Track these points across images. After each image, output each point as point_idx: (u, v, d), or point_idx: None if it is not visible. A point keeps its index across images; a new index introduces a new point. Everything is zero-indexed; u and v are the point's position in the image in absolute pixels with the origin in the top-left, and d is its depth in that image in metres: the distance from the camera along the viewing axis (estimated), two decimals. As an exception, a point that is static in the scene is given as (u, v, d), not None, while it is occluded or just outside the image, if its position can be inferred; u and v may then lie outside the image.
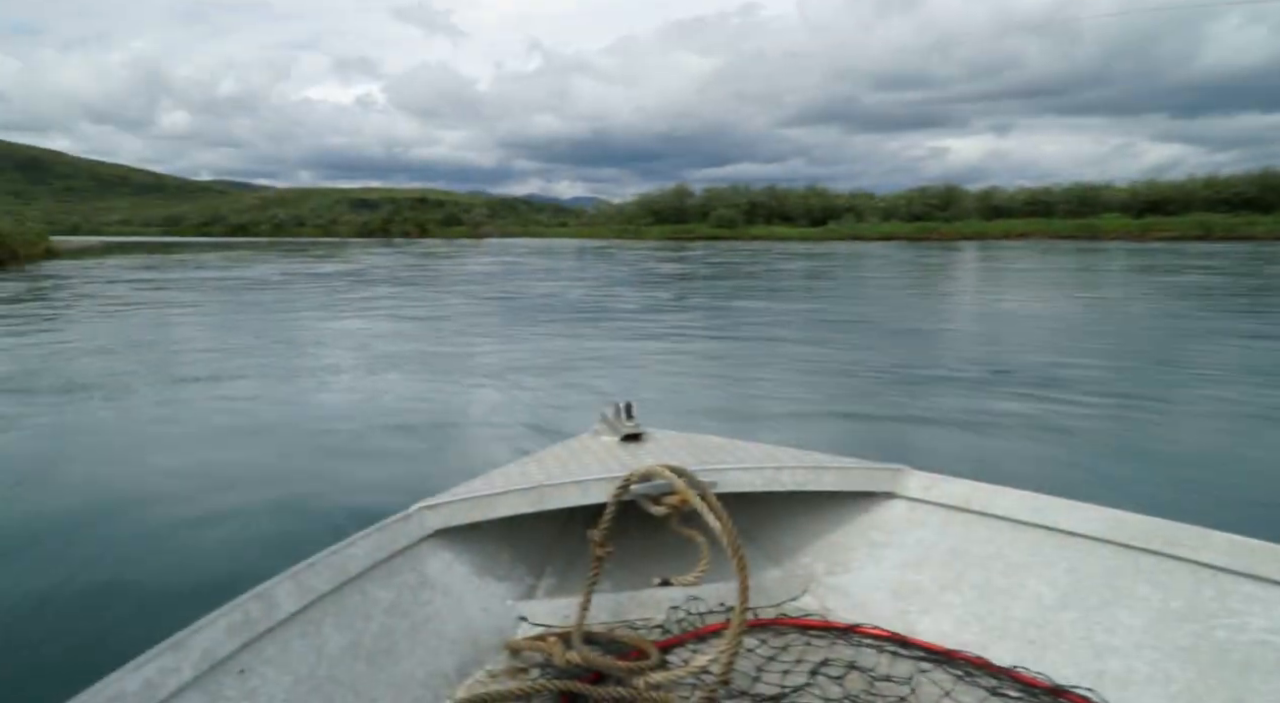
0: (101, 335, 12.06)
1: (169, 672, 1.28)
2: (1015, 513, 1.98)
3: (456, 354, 10.14)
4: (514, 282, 26.17)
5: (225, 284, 24.99)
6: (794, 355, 9.96)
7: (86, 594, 3.37)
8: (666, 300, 18.71)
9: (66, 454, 5.50)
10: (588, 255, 52.65)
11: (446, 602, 1.93)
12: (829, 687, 1.71)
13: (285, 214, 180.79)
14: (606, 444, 2.51)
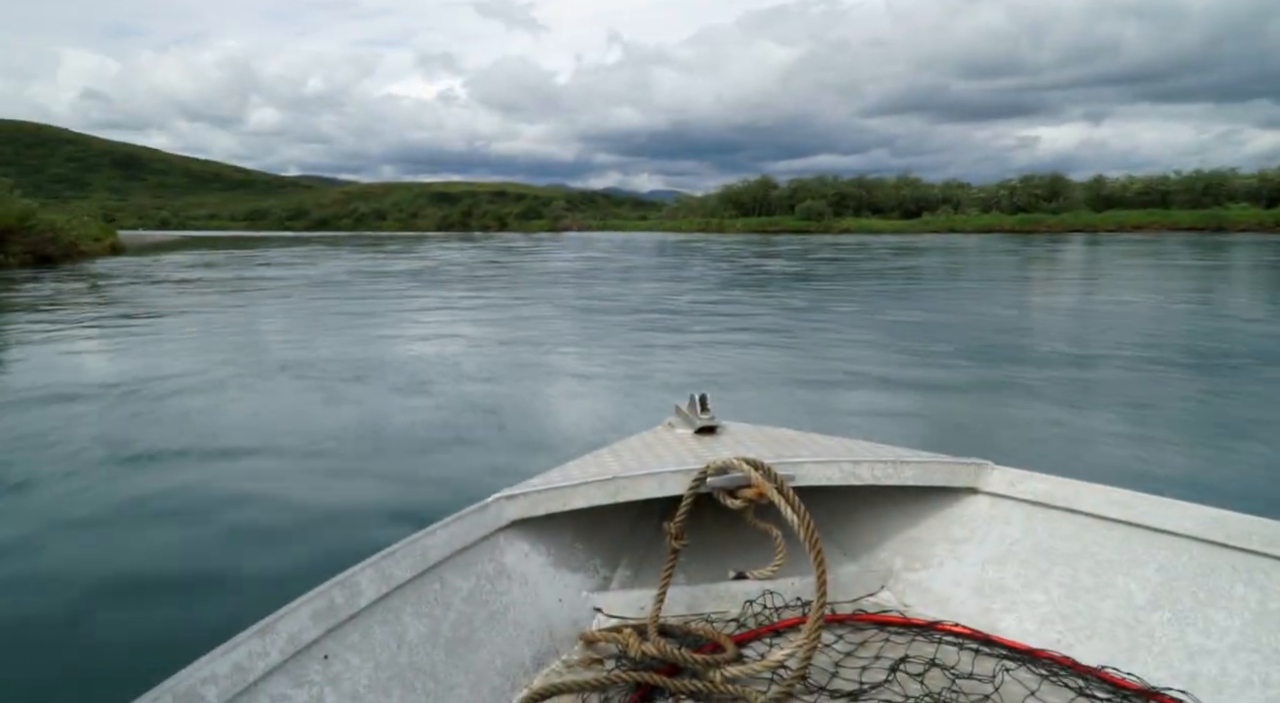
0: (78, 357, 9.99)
1: (257, 656, 1.31)
2: (1103, 510, 1.91)
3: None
4: (609, 283, 22.73)
5: (283, 284, 22.06)
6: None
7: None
8: (802, 309, 15.76)
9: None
10: (677, 250, 49.10)
11: (523, 592, 1.94)
12: (909, 684, 1.69)
13: (366, 208, 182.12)
14: (681, 437, 2.47)
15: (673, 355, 9.92)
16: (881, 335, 11.38)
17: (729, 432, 2.51)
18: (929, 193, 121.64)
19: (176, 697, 1.17)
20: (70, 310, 15.26)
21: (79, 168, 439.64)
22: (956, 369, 8.75)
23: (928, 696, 1.63)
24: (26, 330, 12.37)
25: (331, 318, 14.04)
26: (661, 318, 13.95)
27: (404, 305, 16.23)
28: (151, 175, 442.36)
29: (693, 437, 2.46)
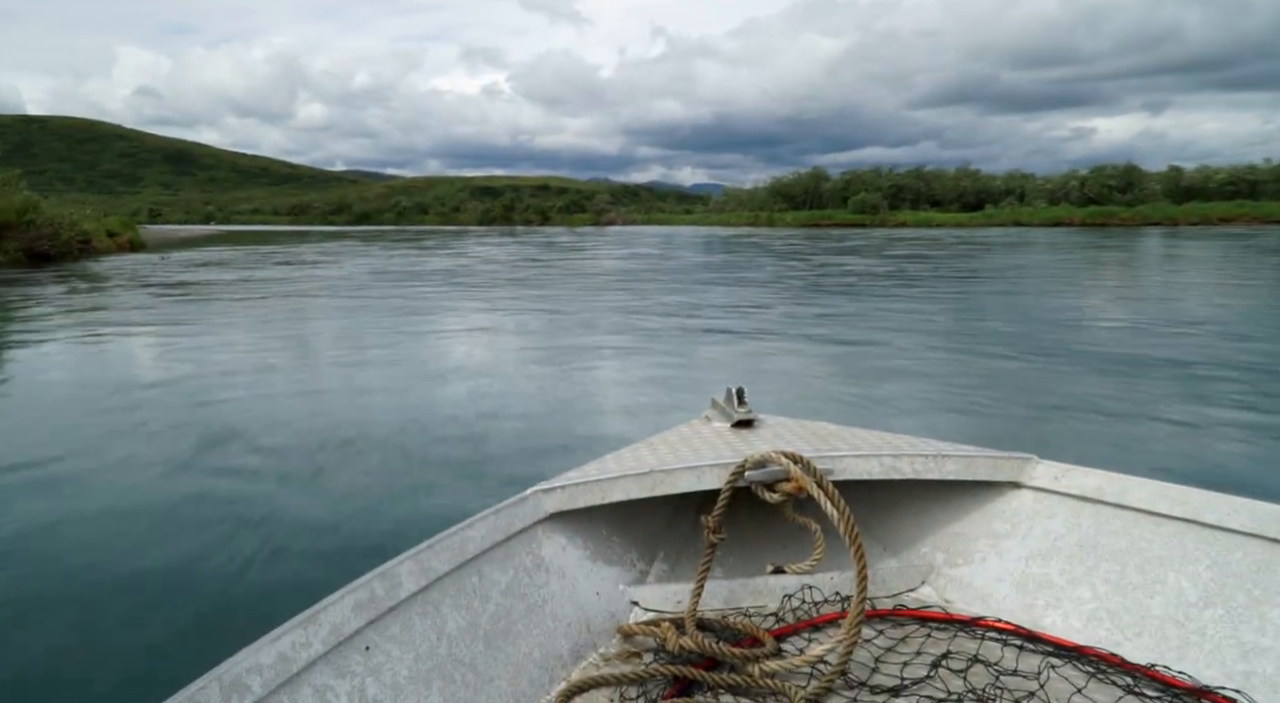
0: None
1: (300, 646, 1.33)
2: (1153, 505, 1.88)
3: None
4: (674, 287, 18.95)
5: (290, 289, 18.75)
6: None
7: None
8: (943, 324, 11.82)
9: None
10: (733, 246, 45.26)
11: (561, 585, 1.94)
12: (951, 680, 1.67)
13: (409, 202, 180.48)
14: (718, 430, 2.45)
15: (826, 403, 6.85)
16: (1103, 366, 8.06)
17: (766, 425, 2.47)
18: (990, 185, 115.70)
19: (223, 686, 1.19)
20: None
21: (131, 163, 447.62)
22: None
23: (971, 692, 1.61)
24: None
25: (317, 353, 10.49)
26: (767, 341, 10.34)
27: (421, 326, 12.55)
28: (201, 171, 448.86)
29: (730, 430, 2.42)
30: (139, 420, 6.48)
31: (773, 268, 25.71)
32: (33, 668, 2.97)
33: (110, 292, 18.22)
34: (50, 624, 3.29)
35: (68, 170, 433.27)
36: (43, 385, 8.17)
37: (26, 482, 5.05)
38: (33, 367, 9.29)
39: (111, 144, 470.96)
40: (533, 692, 1.68)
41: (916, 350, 9.62)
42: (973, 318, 12.85)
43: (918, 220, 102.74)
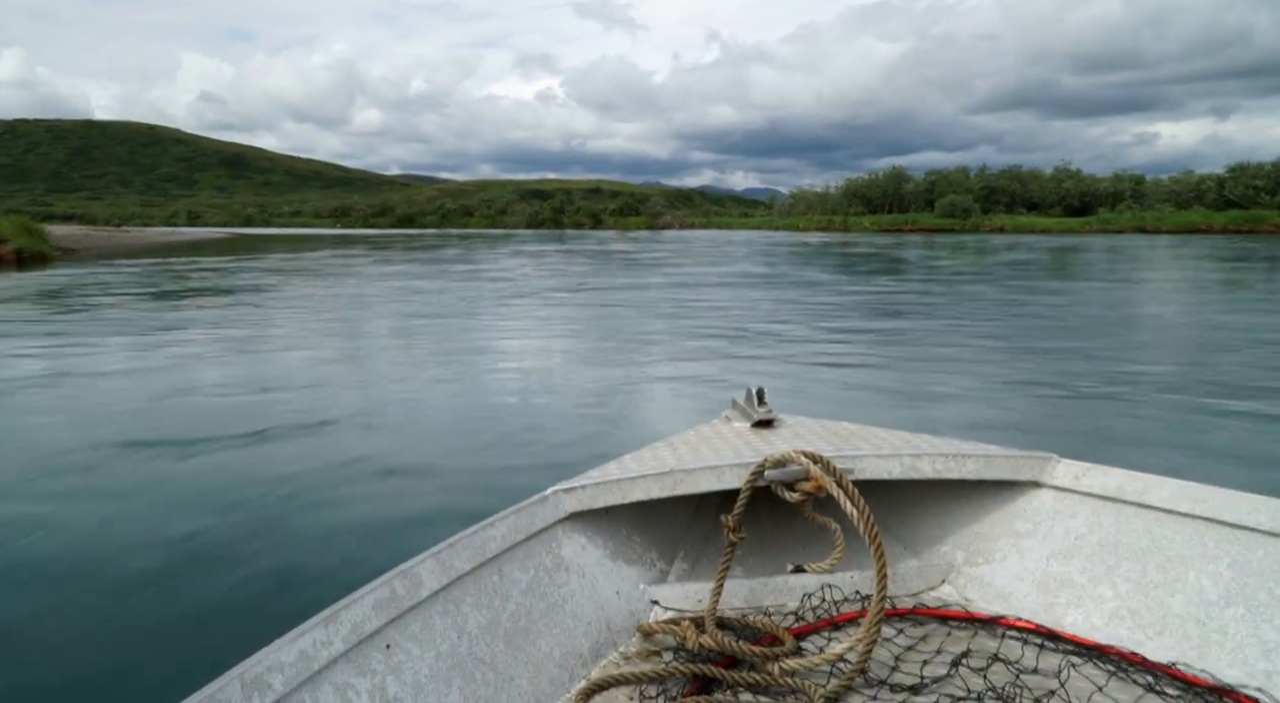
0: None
1: (321, 644, 1.32)
2: (1174, 504, 1.88)
3: None
4: (812, 322, 8.41)
5: (178, 350, 8.84)
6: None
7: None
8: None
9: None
10: (831, 255, 34.67)
11: (581, 584, 1.94)
12: (971, 679, 1.67)
13: (453, 205, 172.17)
14: (738, 430, 2.45)
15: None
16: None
17: (786, 425, 2.47)
18: (1094, 186, 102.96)
19: (244, 684, 1.19)
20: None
21: (188, 167, 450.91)
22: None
23: (991, 691, 1.61)
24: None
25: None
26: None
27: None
28: (256, 174, 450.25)
29: (750, 430, 2.42)
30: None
31: (917, 286, 15.25)
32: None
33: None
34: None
35: (127, 174, 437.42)
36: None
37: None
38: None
39: (169, 148, 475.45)
40: (553, 690, 1.67)
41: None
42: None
43: (1017, 225, 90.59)
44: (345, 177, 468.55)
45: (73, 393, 7.46)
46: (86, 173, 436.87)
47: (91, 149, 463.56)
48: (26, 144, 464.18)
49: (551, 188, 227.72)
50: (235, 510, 4.33)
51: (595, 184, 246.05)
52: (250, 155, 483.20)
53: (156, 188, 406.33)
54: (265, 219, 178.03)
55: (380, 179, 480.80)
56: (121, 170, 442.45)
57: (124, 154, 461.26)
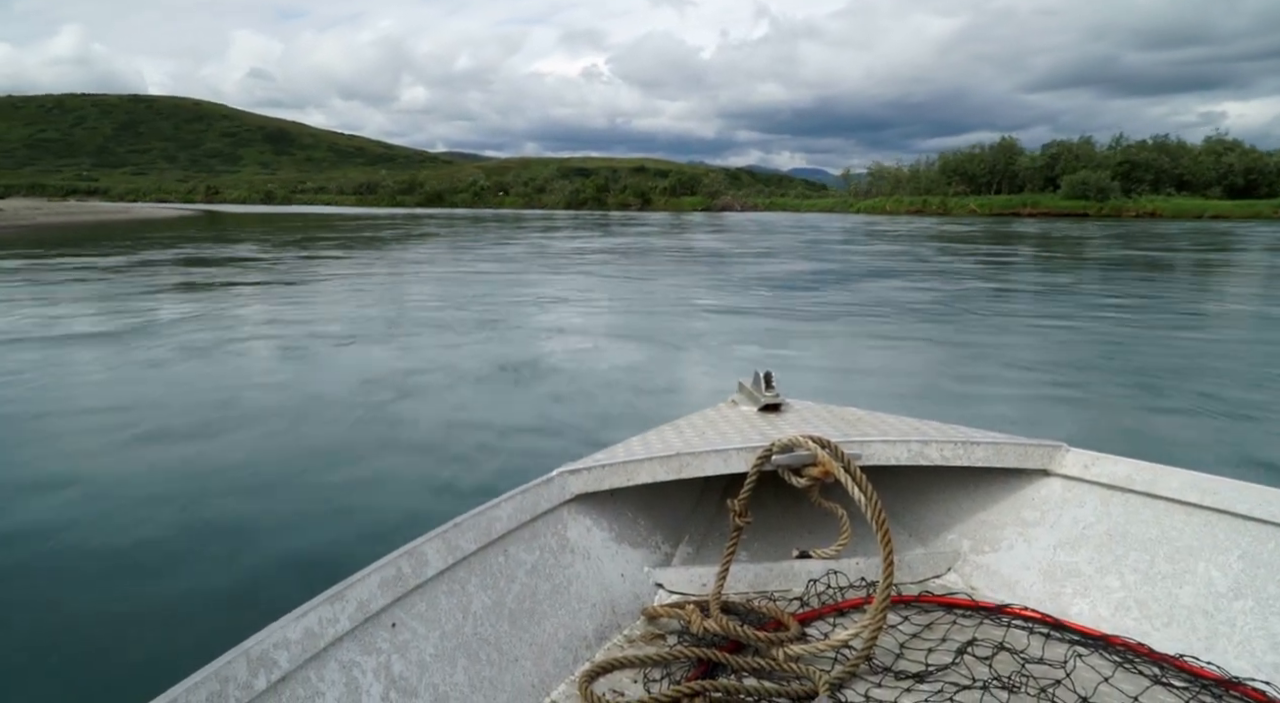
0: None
1: (327, 622, 1.33)
2: (1184, 494, 1.86)
3: None
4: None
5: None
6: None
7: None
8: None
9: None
10: (987, 249, 18.62)
11: (586, 566, 1.94)
12: (976, 667, 1.66)
13: (486, 181, 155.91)
14: (745, 414, 2.43)
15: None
16: None
17: (794, 409, 2.46)
18: (1262, 162, 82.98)
19: (250, 660, 1.19)
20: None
21: (232, 142, 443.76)
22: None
23: (996, 679, 1.60)
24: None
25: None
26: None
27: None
28: (299, 150, 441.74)
29: (757, 414, 2.41)
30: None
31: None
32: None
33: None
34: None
35: (171, 149, 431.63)
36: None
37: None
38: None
39: (215, 123, 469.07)
40: (557, 672, 1.68)
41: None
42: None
43: (1177, 210, 71.51)
44: (388, 153, 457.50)
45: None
46: (133, 147, 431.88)
47: (138, 124, 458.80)
48: (74, 118, 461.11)
49: (595, 166, 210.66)
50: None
51: (640, 162, 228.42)
52: (293, 131, 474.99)
53: (201, 163, 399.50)
54: (286, 196, 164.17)
55: (423, 156, 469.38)
56: (166, 146, 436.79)
57: (169, 129, 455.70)
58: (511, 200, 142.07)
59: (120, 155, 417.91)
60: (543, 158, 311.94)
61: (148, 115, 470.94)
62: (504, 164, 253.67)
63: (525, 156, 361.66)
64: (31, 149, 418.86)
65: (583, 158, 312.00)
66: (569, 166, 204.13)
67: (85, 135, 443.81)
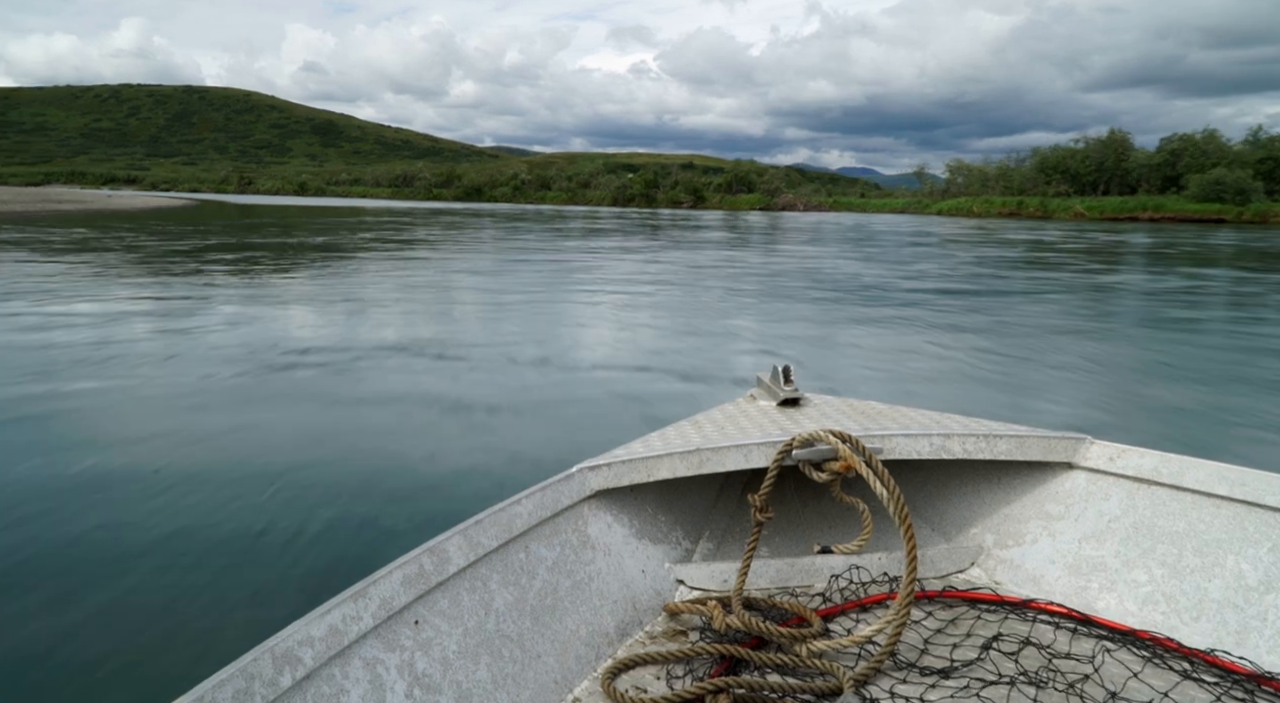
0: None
1: (351, 619, 1.33)
2: (1212, 487, 1.83)
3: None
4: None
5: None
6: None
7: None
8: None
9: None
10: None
11: (607, 562, 1.93)
12: (1002, 663, 1.65)
13: (529, 175, 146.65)
14: (764, 409, 2.41)
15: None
16: None
17: (813, 404, 2.42)
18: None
19: (275, 657, 1.19)
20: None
21: (281, 134, 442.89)
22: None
23: (1023, 675, 1.59)
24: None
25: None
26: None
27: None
28: (347, 142, 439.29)
29: (776, 409, 2.39)
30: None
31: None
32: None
33: None
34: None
35: (221, 140, 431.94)
36: None
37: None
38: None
39: (265, 114, 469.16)
40: (579, 668, 1.67)
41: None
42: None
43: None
44: (435, 147, 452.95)
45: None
46: (184, 138, 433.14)
47: (190, 114, 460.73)
48: (129, 108, 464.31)
49: (642, 162, 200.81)
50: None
51: (688, 159, 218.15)
52: (341, 123, 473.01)
53: (250, 154, 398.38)
54: (320, 188, 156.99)
55: (470, 150, 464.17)
56: (217, 136, 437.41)
57: (220, 120, 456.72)
58: (554, 196, 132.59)
59: (172, 145, 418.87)
60: (589, 153, 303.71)
61: (200, 106, 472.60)
62: (549, 159, 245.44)
63: (573, 152, 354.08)
64: (87, 138, 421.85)
65: (629, 154, 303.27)
66: (615, 162, 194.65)
67: (139, 125, 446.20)
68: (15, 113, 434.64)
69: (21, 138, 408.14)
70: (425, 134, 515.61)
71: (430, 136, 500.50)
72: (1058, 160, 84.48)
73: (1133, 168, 78.76)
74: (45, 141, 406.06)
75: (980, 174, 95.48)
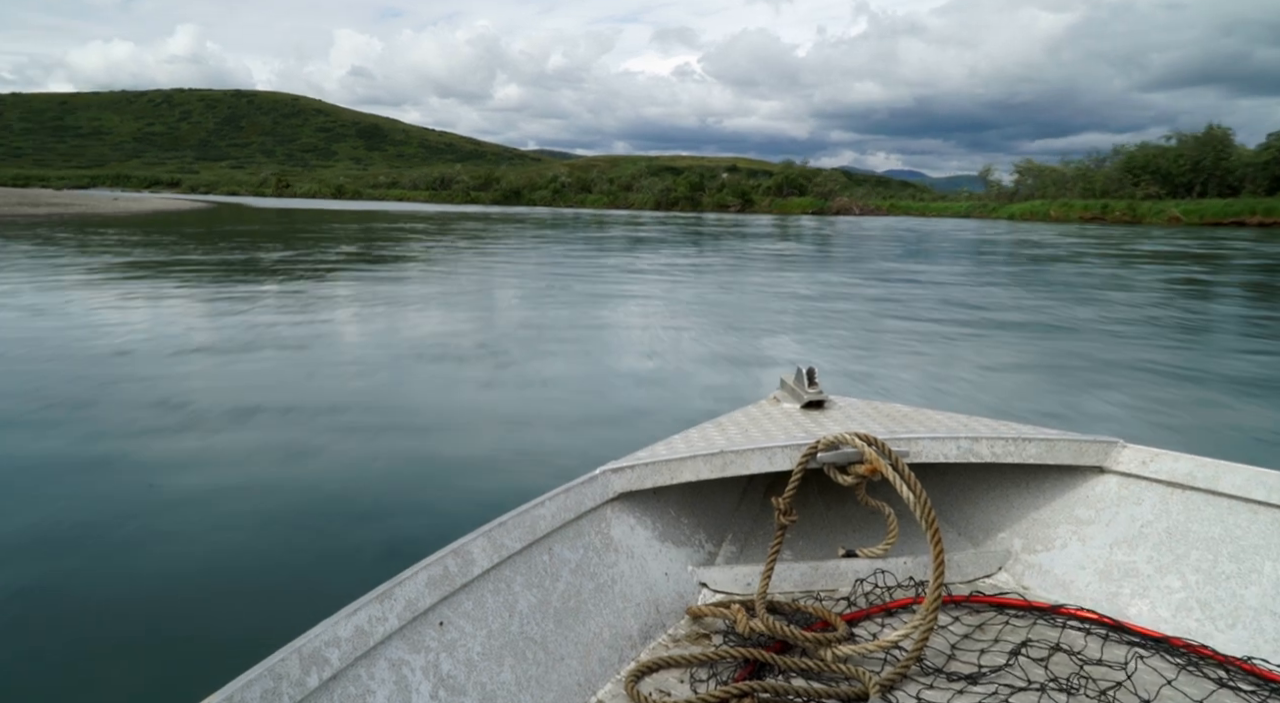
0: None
1: (377, 620, 1.34)
2: (1248, 492, 1.79)
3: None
4: None
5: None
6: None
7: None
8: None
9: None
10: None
11: (630, 565, 1.92)
12: (1032, 669, 1.62)
13: (570, 178, 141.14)
14: (788, 411, 2.39)
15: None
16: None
17: (838, 406, 2.40)
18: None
19: (303, 658, 1.20)
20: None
21: (327, 138, 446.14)
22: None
23: (1052, 681, 1.56)
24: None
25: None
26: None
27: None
28: (391, 146, 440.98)
29: (800, 411, 2.37)
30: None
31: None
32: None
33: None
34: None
35: (269, 143, 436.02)
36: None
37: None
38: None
39: (311, 118, 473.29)
40: (603, 672, 1.66)
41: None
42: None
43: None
44: (478, 150, 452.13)
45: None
46: (233, 141, 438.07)
47: (239, 118, 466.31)
48: (180, 113, 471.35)
49: (685, 165, 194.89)
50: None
51: (731, 162, 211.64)
52: (386, 127, 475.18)
53: (296, 158, 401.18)
54: (356, 191, 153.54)
55: (513, 153, 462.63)
56: (264, 140, 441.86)
57: (268, 123, 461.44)
58: (595, 199, 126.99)
59: (221, 149, 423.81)
60: (631, 156, 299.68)
61: (249, 110, 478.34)
62: (590, 161, 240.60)
63: (615, 155, 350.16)
64: (140, 142, 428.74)
65: (671, 156, 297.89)
66: (658, 165, 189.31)
67: (190, 129, 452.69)
68: (73, 118, 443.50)
69: (78, 142, 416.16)
70: (468, 137, 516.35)
71: (473, 140, 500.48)
72: (1146, 159, 76.48)
73: (1235, 167, 70.81)
74: (100, 146, 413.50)
75: (1054, 175, 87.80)
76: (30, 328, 9.19)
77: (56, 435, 5.18)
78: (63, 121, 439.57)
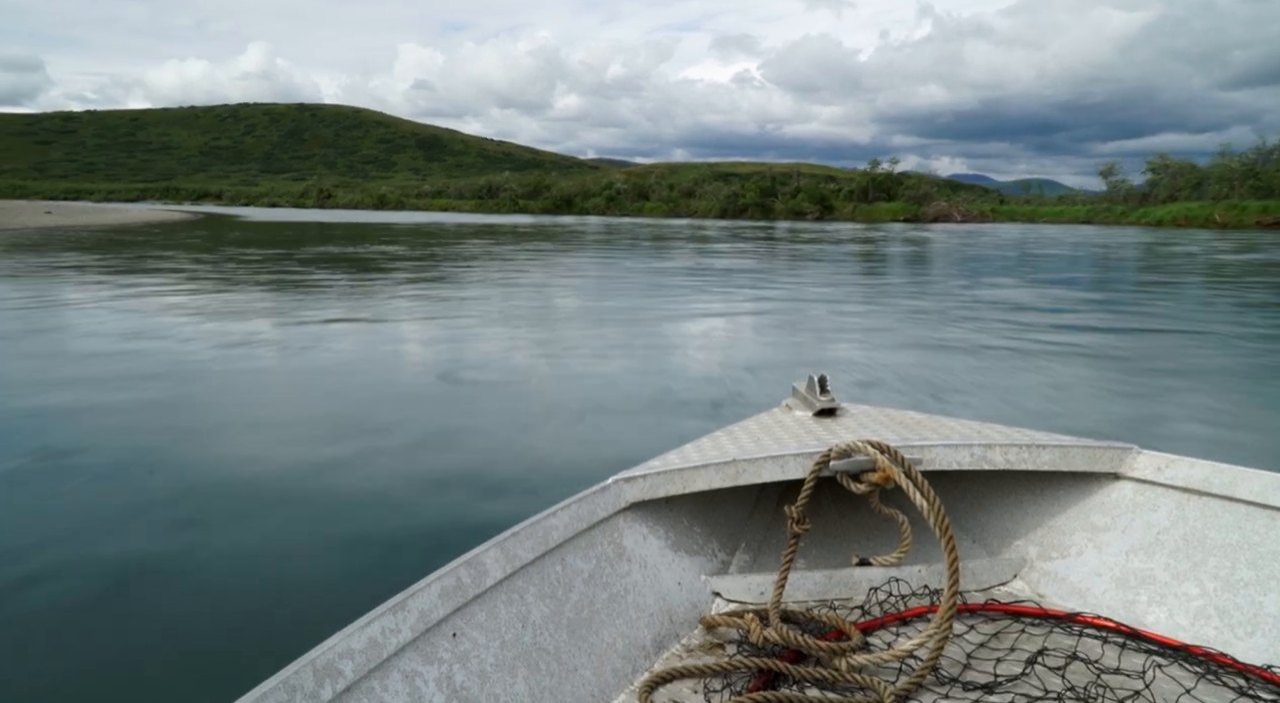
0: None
1: (390, 632, 1.33)
2: (1266, 498, 1.77)
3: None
4: None
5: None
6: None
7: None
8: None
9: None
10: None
11: (643, 575, 1.92)
12: (1048, 678, 1.61)
13: (626, 185, 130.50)
14: (800, 419, 2.38)
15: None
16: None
17: (850, 414, 2.39)
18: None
19: (316, 670, 1.20)
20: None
21: (387, 149, 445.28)
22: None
23: (1070, 690, 1.55)
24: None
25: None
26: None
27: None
28: (449, 156, 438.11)
29: (812, 419, 2.36)
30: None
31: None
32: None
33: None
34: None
35: (331, 155, 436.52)
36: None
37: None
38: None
39: (372, 130, 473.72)
40: (616, 682, 1.65)
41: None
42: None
43: None
44: (536, 159, 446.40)
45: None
46: (295, 154, 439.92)
47: (302, 131, 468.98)
48: (245, 127, 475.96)
49: (746, 171, 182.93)
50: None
51: (793, 167, 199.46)
52: (445, 137, 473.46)
53: (357, 169, 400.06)
54: (399, 200, 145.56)
55: (571, 161, 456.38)
56: (326, 152, 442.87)
57: (330, 136, 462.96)
58: (653, 207, 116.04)
59: (284, 161, 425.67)
60: (690, 163, 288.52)
61: (311, 122, 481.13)
62: (649, 168, 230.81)
63: (674, 162, 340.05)
64: (206, 156, 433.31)
65: (732, 163, 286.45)
66: (718, 171, 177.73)
67: (254, 143, 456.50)
68: (144, 133, 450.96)
69: (148, 156, 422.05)
70: (527, 146, 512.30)
71: (532, 149, 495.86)
72: (1245, 163, 62.83)
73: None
74: (168, 160, 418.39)
75: (1197, 174, 74.05)
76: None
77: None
78: (134, 137, 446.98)
